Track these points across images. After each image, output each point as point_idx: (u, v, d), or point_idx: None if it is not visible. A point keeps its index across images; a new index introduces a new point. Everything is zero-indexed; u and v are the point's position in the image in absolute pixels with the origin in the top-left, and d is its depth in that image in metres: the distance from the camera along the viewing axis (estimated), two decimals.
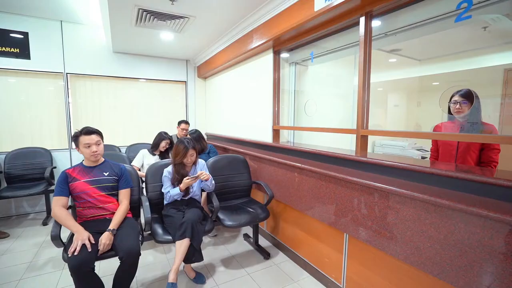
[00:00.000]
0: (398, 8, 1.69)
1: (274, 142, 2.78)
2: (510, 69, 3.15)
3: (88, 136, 1.90)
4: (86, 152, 1.91)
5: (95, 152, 1.92)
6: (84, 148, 1.90)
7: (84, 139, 1.89)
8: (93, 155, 1.92)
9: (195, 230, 1.93)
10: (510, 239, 1.02)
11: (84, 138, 1.89)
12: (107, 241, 1.70)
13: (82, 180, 1.90)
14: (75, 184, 1.87)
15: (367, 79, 1.80)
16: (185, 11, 2.53)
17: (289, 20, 2.18)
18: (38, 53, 3.43)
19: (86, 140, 1.89)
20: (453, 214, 1.19)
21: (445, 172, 1.31)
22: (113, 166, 2.06)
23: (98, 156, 1.97)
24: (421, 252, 1.33)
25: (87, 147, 1.90)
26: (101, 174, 1.98)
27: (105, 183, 1.96)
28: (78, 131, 1.93)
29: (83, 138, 1.89)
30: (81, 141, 1.89)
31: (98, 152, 1.94)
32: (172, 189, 2.18)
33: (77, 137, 1.91)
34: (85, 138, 1.89)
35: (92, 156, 1.92)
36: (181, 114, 4.67)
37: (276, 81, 2.75)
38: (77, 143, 1.92)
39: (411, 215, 1.36)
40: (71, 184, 1.87)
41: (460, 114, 1.65)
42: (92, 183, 1.92)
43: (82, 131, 1.92)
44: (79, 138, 1.90)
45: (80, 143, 1.90)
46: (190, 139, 2.26)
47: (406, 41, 3.23)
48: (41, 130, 3.65)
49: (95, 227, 1.79)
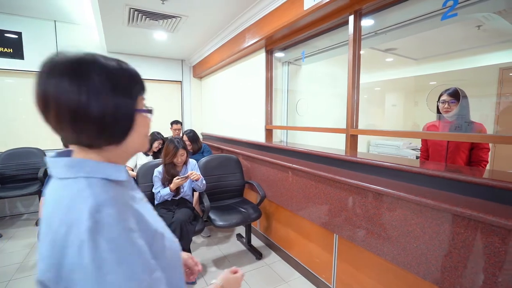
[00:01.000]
0: (387, 7, 1.68)
1: (267, 141, 2.77)
2: (506, 68, 3.14)
3: None
4: None
5: None
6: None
7: None
8: None
9: (184, 231, 1.91)
10: (492, 240, 1.00)
11: None
12: None
13: None
14: None
15: (357, 79, 1.79)
16: (176, 11, 2.52)
17: (280, 19, 2.17)
18: (31, 53, 3.42)
19: None
20: (438, 214, 1.18)
21: (432, 171, 1.30)
22: None
23: None
24: (407, 253, 1.31)
25: None
26: None
27: None
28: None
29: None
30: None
31: None
32: (163, 189, 2.17)
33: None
34: None
35: None
36: (176, 114, 4.66)
37: (268, 80, 2.73)
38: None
39: (397, 215, 1.35)
40: None
41: (449, 113, 1.63)
42: None
43: None
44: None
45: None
46: (181, 139, 2.25)
47: (401, 41, 3.24)
48: (35, 130, 3.64)
49: None
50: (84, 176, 0.48)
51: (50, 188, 0.51)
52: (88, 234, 0.41)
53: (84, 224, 0.41)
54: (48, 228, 0.46)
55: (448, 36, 3.01)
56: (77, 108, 0.45)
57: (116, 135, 0.51)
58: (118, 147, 0.53)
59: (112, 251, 0.42)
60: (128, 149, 0.55)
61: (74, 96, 0.45)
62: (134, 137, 0.54)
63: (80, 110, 0.45)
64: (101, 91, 0.47)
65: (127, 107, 0.51)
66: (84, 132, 0.48)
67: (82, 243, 0.41)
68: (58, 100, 0.45)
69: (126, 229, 0.45)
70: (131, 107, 0.52)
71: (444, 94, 1.64)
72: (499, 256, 0.99)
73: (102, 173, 0.50)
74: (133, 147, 0.55)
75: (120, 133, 0.52)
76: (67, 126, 0.47)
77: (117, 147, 0.53)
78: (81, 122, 0.47)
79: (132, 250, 0.44)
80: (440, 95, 1.67)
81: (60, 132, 0.49)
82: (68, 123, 0.47)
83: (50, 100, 0.46)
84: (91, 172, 0.49)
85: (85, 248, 0.40)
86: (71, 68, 0.46)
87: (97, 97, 0.46)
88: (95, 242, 0.41)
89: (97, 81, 0.47)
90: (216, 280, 0.76)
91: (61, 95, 0.45)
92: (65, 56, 0.47)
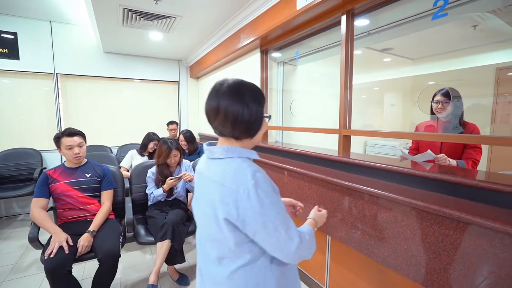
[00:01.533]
0: (379, 6, 1.67)
1: (261, 142, 2.76)
2: (502, 68, 3.12)
3: (70, 138, 1.87)
4: (68, 154, 1.88)
5: (77, 154, 1.89)
6: (66, 150, 1.87)
7: (66, 141, 1.86)
8: (76, 157, 1.89)
9: (176, 232, 1.91)
10: (480, 242, 0.99)
11: (66, 140, 1.86)
12: (86, 242, 1.69)
13: (63, 182, 1.88)
14: (55, 185, 1.85)
15: (349, 79, 1.78)
16: (170, 11, 2.51)
17: (273, 19, 2.16)
18: (27, 54, 3.41)
19: (68, 142, 1.86)
20: (427, 216, 1.17)
21: (422, 173, 1.29)
22: (95, 167, 2.03)
23: (80, 158, 1.94)
24: (397, 254, 1.30)
25: (69, 149, 1.87)
26: (83, 176, 1.95)
27: (86, 184, 1.94)
28: (60, 133, 1.90)
29: (65, 139, 1.86)
30: (63, 142, 1.86)
31: (80, 154, 1.92)
32: (156, 190, 2.16)
33: (58, 139, 1.87)
34: (67, 140, 1.86)
35: (74, 158, 1.89)
36: (173, 114, 4.65)
37: (263, 80, 2.72)
38: (58, 144, 1.88)
39: (387, 217, 1.34)
40: (52, 185, 1.85)
41: (443, 114, 1.62)
42: (73, 184, 1.90)
43: (64, 132, 1.88)
44: (61, 139, 1.86)
45: (62, 144, 1.86)
46: (174, 139, 2.24)
47: (397, 41, 3.23)
48: (31, 130, 3.64)
49: (75, 229, 1.78)
50: (237, 156, 0.77)
51: (207, 164, 0.82)
52: (253, 187, 0.69)
53: (250, 182, 0.69)
54: (221, 185, 0.73)
55: (444, 36, 3.00)
56: (238, 115, 0.75)
57: (253, 132, 0.81)
58: (250, 140, 0.83)
59: (267, 197, 0.71)
60: (254, 141, 0.85)
61: (237, 108, 0.74)
62: (259, 133, 0.84)
63: (239, 116, 0.75)
64: (250, 104, 0.76)
65: (260, 113, 0.80)
66: (238, 129, 0.77)
67: (250, 193, 0.69)
68: (227, 110, 0.75)
69: (270, 186, 0.74)
70: (261, 113, 0.81)
71: (437, 94, 1.63)
72: (487, 258, 0.98)
73: (246, 154, 0.79)
74: (257, 140, 0.85)
75: (255, 131, 0.81)
76: (229, 125, 0.76)
77: (249, 140, 0.82)
78: (238, 123, 0.76)
79: (276, 198, 0.74)
80: (434, 95, 1.65)
81: (221, 128, 0.78)
82: (230, 124, 0.76)
83: (221, 110, 0.75)
84: (240, 154, 0.78)
85: (252, 196, 0.69)
86: (234, 90, 0.76)
87: (248, 108, 0.76)
88: (257, 192, 0.69)
89: (247, 97, 0.76)
90: (309, 216, 1.03)
91: (228, 107, 0.74)
92: (228, 82, 0.77)
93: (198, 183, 0.86)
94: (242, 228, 0.72)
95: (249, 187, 0.69)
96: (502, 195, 1.02)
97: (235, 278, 0.76)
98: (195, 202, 0.89)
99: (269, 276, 0.77)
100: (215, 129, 0.81)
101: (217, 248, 0.78)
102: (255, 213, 0.69)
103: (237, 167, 0.74)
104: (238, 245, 0.74)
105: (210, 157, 0.81)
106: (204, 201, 0.80)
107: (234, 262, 0.76)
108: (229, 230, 0.73)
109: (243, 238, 0.74)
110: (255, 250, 0.76)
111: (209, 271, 0.82)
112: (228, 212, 0.71)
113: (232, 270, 0.76)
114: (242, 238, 0.74)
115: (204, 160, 0.85)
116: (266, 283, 0.77)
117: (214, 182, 0.75)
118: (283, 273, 0.81)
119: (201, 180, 0.83)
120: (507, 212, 0.99)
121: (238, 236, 0.73)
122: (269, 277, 0.77)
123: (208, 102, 0.78)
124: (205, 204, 0.79)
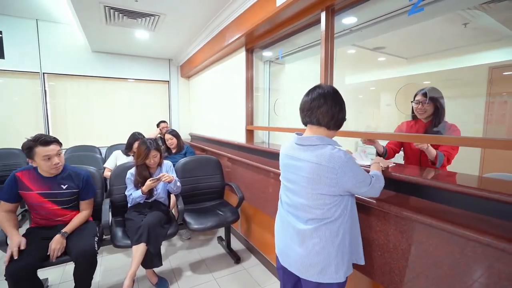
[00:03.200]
0: (360, 3, 1.61)
1: (247, 142, 2.70)
2: (495, 67, 3.05)
3: (46, 148, 1.63)
4: (45, 165, 1.64)
5: (58, 164, 1.69)
6: (42, 161, 1.63)
7: (42, 151, 1.61)
8: (55, 167, 1.69)
9: (151, 235, 1.85)
10: (452, 249, 0.93)
11: (42, 150, 1.61)
12: (57, 245, 1.60)
13: (36, 192, 1.68)
14: (27, 194, 1.68)
15: (329, 77, 1.72)
16: (151, 9, 2.45)
17: (256, 15, 2.10)
18: (12, 52, 3.37)
19: (45, 152, 1.62)
20: (401, 221, 1.11)
21: (400, 175, 1.23)
22: (73, 176, 1.81)
23: (60, 167, 1.75)
24: (372, 261, 1.24)
25: (47, 159, 1.63)
26: (59, 188, 1.74)
27: (62, 197, 1.75)
28: (31, 141, 1.62)
29: (40, 149, 1.61)
30: (38, 153, 1.61)
31: (60, 164, 1.72)
32: (135, 191, 2.11)
33: (31, 149, 1.61)
34: (43, 150, 1.62)
35: (53, 169, 1.68)
36: (164, 114, 4.60)
37: (249, 80, 2.67)
38: (31, 155, 1.61)
39: (362, 222, 1.28)
40: (22, 192, 1.67)
41: (424, 115, 1.56)
42: (47, 196, 1.71)
43: (37, 141, 1.62)
44: (35, 149, 1.61)
45: (36, 155, 1.61)
46: (154, 140, 2.19)
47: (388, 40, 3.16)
48: (17, 130, 3.59)
49: (48, 233, 1.68)
50: (327, 143, 1.05)
51: (297, 149, 1.10)
52: (346, 162, 0.99)
53: (344, 160, 0.99)
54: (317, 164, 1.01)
55: (435, 34, 2.93)
56: (335, 113, 1.06)
57: (339, 126, 1.10)
58: (333, 131, 1.10)
59: (356, 166, 1.03)
60: (334, 134, 1.12)
61: (335, 108, 1.06)
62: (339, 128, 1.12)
63: (335, 114, 1.06)
64: (342, 105, 1.08)
65: (345, 115, 1.10)
66: (332, 122, 1.06)
67: (346, 166, 0.99)
68: (328, 109, 1.04)
69: (352, 159, 1.02)
70: (345, 115, 1.10)
71: (418, 94, 1.57)
72: (458, 268, 0.92)
73: (333, 142, 1.07)
74: (335, 133, 1.12)
75: (340, 126, 1.10)
76: (327, 119, 1.05)
77: (333, 131, 1.10)
78: (333, 119, 1.06)
79: (357, 165, 1.05)
80: (415, 95, 1.59)
81: (320, 118, 1.05)
82: (329, 118, 1.05)
83: (322, 107, 1.05)
84: (329, 141, 1.06)
85: (347, 167, 0.99)
86: (332, 94, 1.06)
87: (341, 108, 1.08)
88: (349, 164, 1.00)
89: (341, 100, 1.08)
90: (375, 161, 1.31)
91: (330, 107, 1.04)
92: (325, 88, 1.07)
93: (287, 164, 1.15)
94: (339, 192, 1.02)
95: (344, 163, 0.98)
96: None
97: (322, 230, 1.04)
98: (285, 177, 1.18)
99: (343, 228, 1.06)
100: (312, 119, 1.06)
101: (307, 212, 1.07)
102: (351, 178, 1.00)
103: (331, 151, 1.00)
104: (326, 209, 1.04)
105: (302, 144, 1.08)
106: (297, 178, 1.08)
107: (320, 221, 1.05)
108: (320, 198, 1.03)
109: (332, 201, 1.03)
110: (336, 213, 1.04)
111: (297, 230, 1.10)
112: (327, 183, 1.00)
113: (317, 226, 1.05)
114: (331, 201, 1.03)
115: (291, 147, 1.13)
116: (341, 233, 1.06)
117: (310, 162, 1.02)
118: (351, 227, 1.10)
119: (291, 161, 1.12)
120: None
121: (328, 200, 1.03)
122: (344, 229, 1.07)
123: (311, 96, 1.06)
124: (298, 180, 1.08)
